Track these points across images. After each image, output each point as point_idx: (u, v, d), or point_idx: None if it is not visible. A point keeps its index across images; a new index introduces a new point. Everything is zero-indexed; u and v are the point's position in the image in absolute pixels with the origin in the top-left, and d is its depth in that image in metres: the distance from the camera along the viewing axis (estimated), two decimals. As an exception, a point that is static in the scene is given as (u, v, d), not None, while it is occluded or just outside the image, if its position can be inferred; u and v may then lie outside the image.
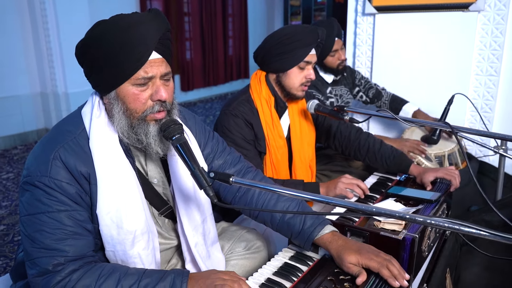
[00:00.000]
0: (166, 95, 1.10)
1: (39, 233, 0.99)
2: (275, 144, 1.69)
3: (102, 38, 1.04)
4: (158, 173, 1.23)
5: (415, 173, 1.75)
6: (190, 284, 1.00)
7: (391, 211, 0.91)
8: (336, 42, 2.37)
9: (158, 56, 1.09)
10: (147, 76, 1.07)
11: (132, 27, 1.04)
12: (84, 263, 1.02)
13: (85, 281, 0.98)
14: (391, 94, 2.62)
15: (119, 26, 1.04)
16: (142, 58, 1.05)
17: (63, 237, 1.00)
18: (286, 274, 1.15)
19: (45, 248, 0.99)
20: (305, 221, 1.22)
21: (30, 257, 1.00)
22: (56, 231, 1.00)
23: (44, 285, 0.98)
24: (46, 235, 0.99)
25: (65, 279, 0.97)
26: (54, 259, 0.98)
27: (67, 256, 0.99)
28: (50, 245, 0.99)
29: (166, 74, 1.11)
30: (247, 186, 1.06)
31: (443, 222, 0.85)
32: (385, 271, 1.06)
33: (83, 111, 1.14)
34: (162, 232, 1.27)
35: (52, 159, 1.02)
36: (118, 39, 1.03)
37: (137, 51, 1.04)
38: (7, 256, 2.51)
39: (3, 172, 4.03)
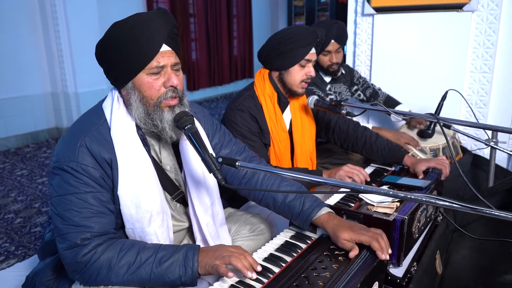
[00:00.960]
0: (177, 81, 1.23)
1: (68, 212, 1.13)
2: (278, 137, 1.82)
3: (118, 36, 1.18)
4: (170, 161, 1.36)
5: (408, 164, 1.87)
6: (201, 256, 1.13)
7: (377, 189, 1.03)
8: (331, 43, 2.47)
9: (168, 48, 1.22)
10: (159, 65, 1.20)
11: (144, 23, 1.17)
12: (107, 239, 1.15)
13: (109, 253, 1.11)
14: (386, 94, 2.75)
15: (132, 23, 1.17)
16: (154, 49, 1.18)
17: (89, 215, 1.13)
18: (287, 250, 1.27)
19: (73, 224, 1.12)
20: (304, 203, 1.35)
21: (60, 233, 1.13)
22: (83, 210, 1.13)
23: (73, 257, 1.11)
24: (74, 213, 1.12)
25: (91, 252, 1.11)
26: (82, 234, 1.11)
27: (92, 232, 1.12)
28: (78, 222, 1.12)
29: (176, 64, 1.25)
30: (251, 169, 1.18)
31: (421, 197, 0.97)
32: (375, 243, 1.18)
33: (104, 105, 1.27)
34: (174, 214, 1.40)
35: (79, 146, 1.16)
36: (132, 34, 1.16)
37: (150, 44, 1.17)
38: (25, 246, 2.65)
39: (17, 169, 4.18)
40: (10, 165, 4.31)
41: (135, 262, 1.11)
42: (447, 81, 2.68)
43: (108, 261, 1.10)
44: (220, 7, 7.70)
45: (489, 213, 0.93)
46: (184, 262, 1.12)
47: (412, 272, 1.42)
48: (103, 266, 1.10)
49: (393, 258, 1.41)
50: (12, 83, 4.82)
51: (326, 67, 2.53)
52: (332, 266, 1.16)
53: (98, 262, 1.10)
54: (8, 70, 4.76)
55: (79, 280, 1.15)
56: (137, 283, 1.12)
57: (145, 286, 1.14)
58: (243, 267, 1.08)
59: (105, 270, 1.10)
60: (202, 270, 1.12)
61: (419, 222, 1.57)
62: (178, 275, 1.11)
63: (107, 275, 1.10)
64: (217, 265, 1.09)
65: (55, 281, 1.26)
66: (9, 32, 4.72)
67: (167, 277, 1.11)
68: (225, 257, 1.10)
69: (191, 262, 1.12)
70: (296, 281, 1.08)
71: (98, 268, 1.10)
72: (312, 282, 1.08)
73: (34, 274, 1.31)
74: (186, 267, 1.11)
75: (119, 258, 1.11)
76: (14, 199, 3.40)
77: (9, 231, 2.84)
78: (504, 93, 2.61)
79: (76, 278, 1.14)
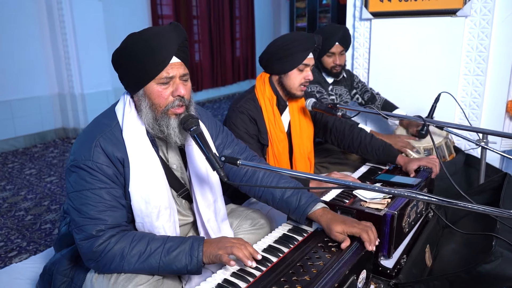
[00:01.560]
0: (185, 91, 1.33)
1: (84, 206, 1.24)
2: (276, 138, 1.93)
3: (133, 46, 1.28)
4: (177, 160, 1.47)
5: (401, 163, 1.97)
6: (205, 246, 1.23)
7: (366, 185, 1.14)
8: (336, 46, 2.59)
9: (178, 60, 1.32)
10: (168, 76, 1.30)
11: (157, 37, 1.27)
12: (120, 230, 1.26)
13: (121, 244, 1.22)
14: (384, 99, 2.86)
15: (146, 36, 1.28)
16: (165, 61, 1.28)
17: (103, 209, 1.24)
18: (284, 242, 1.38)
19: (89, 217, 1.23)
20: (301, 199, 1.46)
21: (77, 225, 1.24)
22: (98, 204, 1.24)
23: (88, 247, 1.22)
24: (90, 207, 1.23)
25: (105, 242, 1.22)
26: (97, 226, 1.22)
27: (106, 224, 1.23)
28: (94, 215, 1.23)
29: (185, 75, 1.35)
30: (251, 167, 1.28)
31: (404, 192, 1.08)
32: (365, 235, 1.28)
33: (117, 108, 1.38)
34: (180, 210, 1.50)
35: (94, 146, 1.27)
36: (145, 46, 1.27)
37: (161, 56, 1.27)
38: (36, 241, 2.77)
39: (26, 168, 4.31)
40: (19, 164, 4.43)
41: (146, 251, 1.22)
42: (442, 83, 2.77)
43: (121, 250, 1.21)
44: (223, 9, 7.81)
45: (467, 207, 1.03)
46: (190, 252, 1.22)
47: (401, 264, 1.53)
48: (117, 255, 1.21)
49: (383, 250, 1.52)
50: (20, 85, 4.95)
51: (330, 68, 2.64)
52: (325, 256, 1.26)
53: (112, 251, 1.21)
54: (16, 72, 4.89)
55: (95, 268, 1.26)
56: (147, 271, 1.23)
57: (154, 274, 1.25)
58: (244, 256, 1.19)
59: (118, 258, 1.21)
60: (206, 259, 1.23)
61: (409, 217, 1.68)
62: (185, 263, 1.22)
63: (120, 263, 1.21)
64: (220, 255, 1.20)
65: (71, 270, 1.37)
66: (18, 36, 4.85)
67: (175, 266, 1.22)
68: (228, 247, 1.21)
69: (196, 252, 1.22)
70: (292, 269, 1.19)
71: (112, 257, 1.21)
72: (306, 270, 1.19)
73: (51, 264, 1.42)
74: (192, 256, 1.22)
75: (131, 248, 1.22)
76: (24, 197, 3.52)
77: (21, 228, 2.96)
78: (496, 95, 2.70)
79: (91, 266, 1.25)
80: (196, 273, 1.24)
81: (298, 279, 1.14)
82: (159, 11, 6.67)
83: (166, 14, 6.81)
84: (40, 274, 1.48)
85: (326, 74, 2.70)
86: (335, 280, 1.13)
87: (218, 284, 1.15)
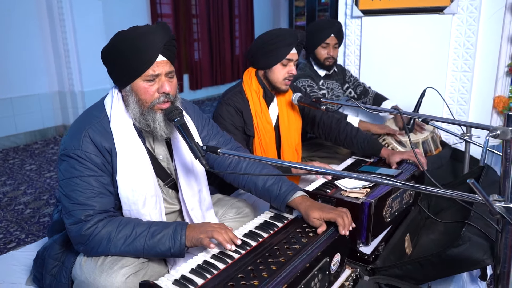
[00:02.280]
0: (170, 88, 1.40)
1: (74, 192, 1.31)
2: (263, 128, 2.00)
3: (121, 44, 1.35)
4: (163, 151, 1.54)
5: (385, 155, 2.03)
6: (188, 231, 1.30)
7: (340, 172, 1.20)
8: (331, 37, 2.65)
9: (163, 58, 1.38)
10: (154, 74, 1.37)
11: (144, 36, 1.34)
12: (108, 216, 1.33)
13: (108, 228, 1.29)
14: (375, 92, 2.92)
15: (133, 35, 1.34)
16: (151, 59, 1.35)
17: (92, 195, 1.31)
18: (265, 228, 1.45)
19: (78, 203, 1.30)
20: (281, 188, 1.52)
21: (67, 210, 1.31)
22: (87, 191, 1.31)
23: (77, 230, 1.29)
24: (79, 194, 1.30)
25: (93, 226, 1.29)
26: (86, 211, 1.29)
27: (95, 209, 1.30)
28: (82, 201, 1.30)
29: (170, 72, 1.41)
30: (231, 156, 1.35)
31: (375, 178, 1.13)
32: (340, 220, 1.35)
33: (105, 101, 1.45)
34: (166, 198, 1.57)
35: (83, 136, 1.34)
36: (132, 45, 1.34)
37: (147, 55, 1.34)
38: (34, 234, 2.85)
39: (26, 164, 4.39)
40: (20, 160, 4.52)
41: (131, 235, 1.29)
42: (430, 79, 2.84)
43: (108, 234, 1.28)
44: (223, 8, 7.88)
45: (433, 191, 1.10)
46: (174, 235, 1.29)
47: (379, 251, 1.59)
48: (104, 239, 1.28)
49: (362, 237, 1.58)
50: (21, 83, 5.04)
51: (323, 60, 2.69)
52: (301, 240, 1.33)
53: (99, 235, 1.28)
54: (18, 70, 4.97)
55: (83, 251, 1.33)
56: (132, 253, 1.30)
57: (139, 257, 1.32)
58: (224, 240, 1.26)
59: (105, 242, 1.28)
60: (189, 243, 1.30)
61: (391, 208, 1.73)
62: (168, 246, 1.29)
63: (107, 246, 1.28)
64: (202, 238, 1.27)
65: (62, 254, 1.44)
66: (19, 35, 4.94)
67: (158, 248, 1.29)
68: (209, 231, 1.28)
69: (179, 236, 1.29)
70: (269, 252, 1.26)
71: (99, 240, 1.28)
72: (282, 252, 1.25)
73: (44, 249, 1.50)
74: (175, 240, 1.29)
75: (117, 231, 1.29)
76: (24, 192, 3.60)
77: (20, 221, 3.04)
78: (483, 91, 2.76)
79: (80, 249, 1.32)
80: (179, 256, 1.31)
81: (273, 260, 1.21)
82: (159, 10, 6.74)
83: (165, 13, 6.88)
84: (34, 259, 1.55)
85: (318, 67, 2.75)
86: (307, 261, 1.19)
87: (198, 265, 1.22)
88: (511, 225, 0.92)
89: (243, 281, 1.11)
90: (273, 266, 1.18)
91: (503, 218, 0.92)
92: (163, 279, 1.15)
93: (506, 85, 2.74)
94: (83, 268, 1.32)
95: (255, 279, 1.12)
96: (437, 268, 1.35)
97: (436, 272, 1.37)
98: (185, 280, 1.14)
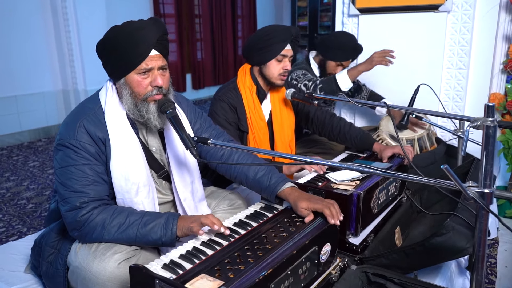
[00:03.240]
0: (162, 82, 1.44)
1: (69, 180, 1.36)
2: (256, 124, 2.04)
3: (115, 39, 1.40)
4: (156, 143, 1.58)
5: (377, 150, 2.07)
6: (179, 221, 1.34)
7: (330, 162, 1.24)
8: (348, 61, 2.70)
9: (156, 52, 1.43)
10: (147, 68, 1.41)
11: (137, 31, 1.39)
12: (102, 203, 1.38)
13: (103, 215, 1.34)
14: (370, 90, 2.96)
15: (127, 30, 1.39)
16: (144, 53, 1.40)
17: (86, 183, 1.36)
18: (255, 217, 1.48)
19: (74, 191, 1.35)
20: (271, 179, 1.56)
21: (63, 198, 1.36)
22: (82, 179, 1.36)
23: (73, 217, 1.34)
24: (75, 182, 1.35)
25: (88, 213, 1.33)
26: (81, 198, 1.34)
27: (89, 197, 1.35)
28: (78, 188, 1.35)
29: (163, 66, 1.46)
30: (221, 146, 1.40)
31: (357, 167, 1.17)
32: (327, 210, 1.38)
33: (100, 93, 1.51)
34: (160, 189, 1.62)
35: (78, 127, 1.39)
36: (126, 39, 1.38)
37: (140, 49, 1.39)
38: (36, 227, 2.90)
39: (30, 161, 4.46)
40: (23, 157, 4.59)
41: (125, 223, 1.34)
42: (425, 76, 2.86)
43: (102, 221, 1.33)
44: (225, 8, 7.93)
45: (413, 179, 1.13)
46: (165, 225, 1.34)
47: (368, 242, 1.63)
48: (98, 225, 1.33)
49: (351, 228, 1.62)
50: (25, 81, 5.11)
51: (328, 72, 2.73)
52: (289, 229, 1.37)
53: (94, 221, 1.33)
54: (22, 69, 5.05)
55: (78, 237, 1.37)
56: (125, 241, 1.34)
57: (132, 244, 1.36)
58: (211, 222, 1.30)
59: (99, 228, 1.33)
60: (180, 233, 1.34)
61: (379, 199, 1.77)
62: (160, 235, 1.33)
63: (101, 233, 1.33)
64: (192, 226, 1.31)
65: (58, 242, 1.49)
66: (23, 33, 5.02)
67: (150, 237, 1.33)
68: (197, 219, 1.32)
69: (171, 226, 1.33)
70: (256, 239, 1.29)
71: (93, 227, 1.33)
72: (269, 240, 1.29)
73: (41, 237, 1.55)
74: (167, 229, 1.33)
75: (112, 219, 1.34)
76: (27, 188, 3.67)
77: (22, 215, 3.10)
78: (479, 88, 2.79)
79: (75, 235, 1.37)
80: (170, 245, 1.35)
81: (260, 247, 1.25)
82: (162, 9, 6.80)
83: (168, 13, 6.94)
84: (32, 248, 1.60)
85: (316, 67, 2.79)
86: (294, 248, 1.23)
87: (188, 251, 1.26)
88: (485, 210, 0.96)
89: (230, 265, 1.15)
90: (260, 253, 1.22)
91: (476, 203, 0.95)
92: (153, 263, 1.19)
93: (501, 82, 2.76)
94: (77, 255, 1.36)
95: (241, 264, 1.16)
96: (422, 256, 1.38)
97: (420, 261, 1.41)
98: (174, 265, 1.18)
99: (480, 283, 1.01)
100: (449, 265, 1.68)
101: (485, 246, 0.98)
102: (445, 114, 1.86)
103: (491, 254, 2.44)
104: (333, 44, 2.66)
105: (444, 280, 1.60)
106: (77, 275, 1.36)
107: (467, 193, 0.94)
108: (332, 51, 2.65)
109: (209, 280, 1.08)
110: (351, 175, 1.75)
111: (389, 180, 1.83)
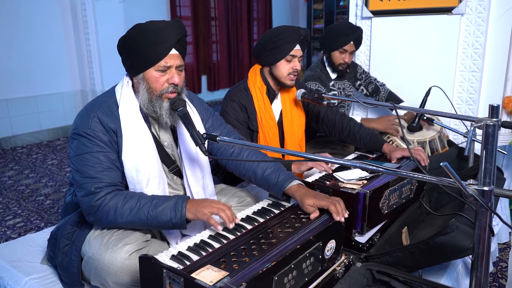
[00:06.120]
0: (178, 80, 1.51)
1: (84, 167, 1.42)
2: (267, 124, 2.08)
3: (139, 35, 1.47)
4: (168, 138, 1.64)
5: (386, 151, 2.08)
6: (189, 204, 1.39)
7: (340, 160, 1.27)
8: (350, 44, 2.68)
9: (176, 52, 1.50)
10: (166, 65, 1.48)
11: (159, 30, 1.46)
12: (115, 189, 1.44)
13: (115, 200, 1.40)
14: (389, 91, 2.93)
15: (151, 28, 1.46)
16: (164, 52, 1.46)
17: (101, 170, 1.42)
18: (262, 214, 1.52)
19: (89, 177, 1.41)
20: (279, 176, 1.60)
21: (78, 184, 1.43)
22: (96, 165, 1.42)
23: (88, 202, 1.40)
24: (89, 168, 1.42)
25: (102, 198, 1.40)
26: (95, 184, 1.40)
27: (103, 182, 1.41)
28: (92, 174, 1.41)
29: (180, 65, 1.53)
30: (229, 143, 1.44)
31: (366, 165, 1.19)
32: (332, 207, 1.41)
33: (116, 88, 1.58)
34: (171, 184, 1.67)
35: (92, 117, 1.46)
36: (149, 37, 1.45)
37: (162, 47, 1.46)
38: (52, 223, 3.00)
39: (49, 159, 4.59)
40: (42, 155, 4.72)
41: (136, 206, 1.39)
42: (438, 79, 2.85)
43: (115, 205, 1.39)
44: (241, 11, 8.01)
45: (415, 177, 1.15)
46: (175, 207, 1.39)
47: (374, 241, 1.65)
48: (111, 209, 1.39)
49: (357, 227, 1.64)
50: (45, 82, 5.27)
51: (337, 64, 2.72)
52: (295, 224, 1.40)
53: (107, 206, 1.39)
54: (42, 70, 5.21)
55: (94, 221, 1.44)
56: (137, 224, 1.40)
57: (143, 227, 1.43)
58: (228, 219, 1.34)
59: (112, 212, 1.39)
60: (190, 215, 1.38)
61: (389, 200, 1.77)
62: (170, 217, 1.38)
63: (114, 216, 1.39)
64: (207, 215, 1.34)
65: (73, 233, 1.55)
66: (44, 36, 5.18)
67: (161, 219, 1.38)
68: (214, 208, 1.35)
69: (180, 207, 1.38)
70: (262, 234, 1.33)
71: (107, 211, 1.39)
72: (275, 235, 1.33)
73: (56, 229, 1.61)
74: (176, 211, 1.38)
75: (124, 203, 1.40)
76: (45, 185, 3.78)
77: (40, 211, 3.20)
78: (492, 91, 2.76)
79: (91, 220, 1.44)
80: (181, 227, 1.40)
81: (265, 241, 1.28)
82: (178, 12, 6.91)
83: (185, 16, 7.05)
84: (48, 239, 1.67)
85: (331, 69, 2.79)
86: (298, 242, 1.26)
87: (195, 243, 1.30)
88: (484, 208, 0.97)
89: (235, 258, 1.19)
90: (265, 246, 1.25)
91: (476, 201, 0.97)
92: (162, 254, 1.24)
93: (515, 85, 2.73)
94: (91, 246, 1.43)
95: (246, 257, 1.20)
96: (426, 255, 1.40)
97: (425, 259, 1.42)
98: (182, 256, 1.23)
99: (479, 280, 1.02)
100: (456, 265, 1.69)
101: (485, 244, 1.00)
102: (455, 115, 1.86)
103: (503, 258, 2.42)
104: (328, 34, 2.71)
105: (450, 280, 1.61)
106: (90, 265, 1.42)
107: (466, 190, 0.96)
108: (330, 41, 2.67)
109: (215, 271, 1.12)
110: (358, 175, 1.77)
111: (402, 182, 1.83)
